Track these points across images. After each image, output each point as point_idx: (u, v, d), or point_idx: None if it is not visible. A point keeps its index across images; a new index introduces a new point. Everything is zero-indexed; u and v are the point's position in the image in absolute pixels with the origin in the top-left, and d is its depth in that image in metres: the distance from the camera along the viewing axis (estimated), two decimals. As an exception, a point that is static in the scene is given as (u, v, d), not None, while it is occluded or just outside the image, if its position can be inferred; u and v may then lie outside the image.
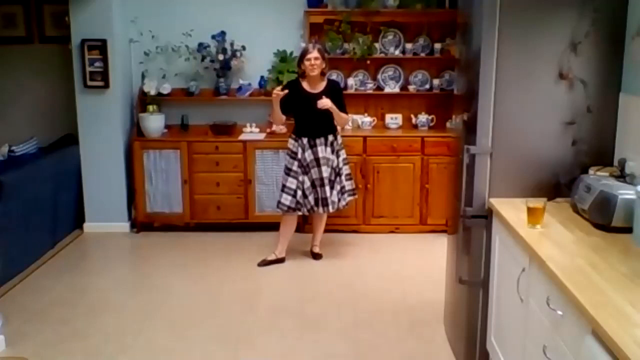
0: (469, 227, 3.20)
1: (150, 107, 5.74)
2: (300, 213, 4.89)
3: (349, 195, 4.96)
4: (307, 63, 4.66)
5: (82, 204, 5.76)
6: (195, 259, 5.14)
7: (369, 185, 5.57)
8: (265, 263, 4.91)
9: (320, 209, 4.84)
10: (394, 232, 5.62)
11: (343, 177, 4.89)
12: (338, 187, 4.87)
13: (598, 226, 2.66)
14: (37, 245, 5.06)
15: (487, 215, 3.14)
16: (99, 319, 4.08)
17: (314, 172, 4.78)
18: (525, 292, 2.60)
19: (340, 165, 4.88)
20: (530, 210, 2.70)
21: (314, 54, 4.66)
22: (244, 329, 3.95)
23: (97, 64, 5.54)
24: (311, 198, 4.81)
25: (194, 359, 3.61)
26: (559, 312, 2.19)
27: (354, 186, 5.05)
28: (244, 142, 5.59)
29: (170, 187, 5.64)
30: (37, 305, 4.25)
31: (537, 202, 2.71)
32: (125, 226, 5.80)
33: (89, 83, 5.57)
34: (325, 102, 4.62)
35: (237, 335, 3.86)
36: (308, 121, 4.76)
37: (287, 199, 4.80)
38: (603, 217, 2.62)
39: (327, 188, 4.78)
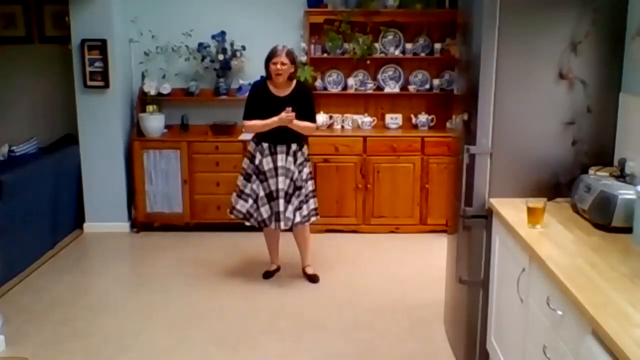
0: (469, 227, 3.20)
1: (150, 107, 5.74)
2: (249, 224, 4.49)
3: (313, 215, 4.53)
4: (272, 67, 4.24)
5: (82, 204, 5.76)
6: (195, 259, 5.14)
7: (369, 185, 5.57)
8: (269, 275, 4.70)
9: (273, 224, 4.39)
10: (394, 232, 5.62)
11: (303, 192, 4.42)
12: (296, 203, 4.39)
13: (598, 226, 2.66)
14: (37, 245, 5.06)
15: (487, 215, 3.14)
16: (99, 319, 4.08)
17: (272, 183, 4.35)
18: (525, 292, 2.60)
19: (304, 177, 4.43)
20: (530, 210, 2.70)
21: (281, 57, 4.23)
22: (244, 329, 3.95)
23: (97, 64, 5.54)
24: (264, 210, 4.37)
25: (194, 359, 3.61)
26: (559, 312, 2.19)
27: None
28: (244, 142, 5.57)
29: (170, 187, 5.65)
30: (37, 305, 4.25)
31: (537, 202, 2.71)
32: (125, 226, 5.81)
33: (89, 83, 5.58)
34: (285, 118, 4.24)
35: (237, 335, 3.86)
36: None
37: (242, 206, 4.45)
38: (603, 217, 2.62)
39: (282, 201, 4.33)
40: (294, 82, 4.43)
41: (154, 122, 5.70)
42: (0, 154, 5.98)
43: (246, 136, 5.63)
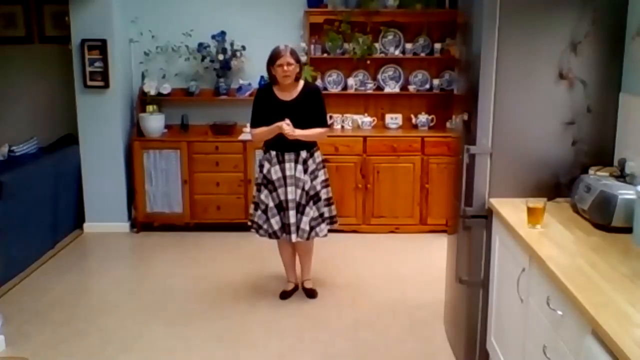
0: (469, 227, 3.20)
1: (150, 107, 5.75)
2: (259, 235, 4.27)
3: (330, 223, 4.28)
4: (278, 69, 4.00)
5: (82, 204, 5.76)
6: (195, 259, 5.14)
7: (369, 185, 5.57)
8: (286, 295, 4.39)
9: (284, 236, 4.18)
10: (394, 232, 5.62)
11: (321, 203, 4.18)
12: (312, 214, 4.13)
13: (598, 226, 2.66)
14: (37, 245, 5.06)
15: (487, 215, 3.14)
16: (99, 319, 4.08)
17: (281, 193, 4.12)
18: (525, 292, 2.60)
19: (318, 188, 4.16)
20: (530, 210, 2.70)
21: (286, 58, 3.99)
22: (244, 329, 3.95)
23: (97, 64, 5.54)
24: (274, 221, 4.15)
25: (194, 359, 3.61)
26: (559, 312, 2.19)
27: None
28: (244, 142, 5.58)
29: (170, 187, 5.65)
30: (37, 305, 4.25)
31: (537, 202, 2.71)
32: (125, 226, 5.81)
33: (89, 83, 5.58)
34: (290, 131, 3.99)
35: (237, 335, 3.86)
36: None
37: (252, 215, 4.27)
38: (603, 217, 2.62)
39: (292, 212, 4.08)
40: (301, 83, 4.16)
41: (154, 122, 5.70)
42: (0, 154, 5.98)
43: (246, 136, 5.63)
